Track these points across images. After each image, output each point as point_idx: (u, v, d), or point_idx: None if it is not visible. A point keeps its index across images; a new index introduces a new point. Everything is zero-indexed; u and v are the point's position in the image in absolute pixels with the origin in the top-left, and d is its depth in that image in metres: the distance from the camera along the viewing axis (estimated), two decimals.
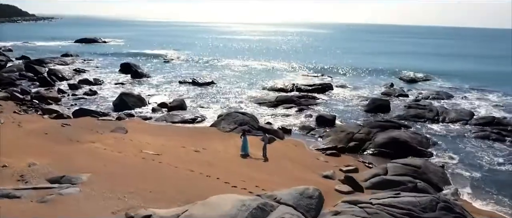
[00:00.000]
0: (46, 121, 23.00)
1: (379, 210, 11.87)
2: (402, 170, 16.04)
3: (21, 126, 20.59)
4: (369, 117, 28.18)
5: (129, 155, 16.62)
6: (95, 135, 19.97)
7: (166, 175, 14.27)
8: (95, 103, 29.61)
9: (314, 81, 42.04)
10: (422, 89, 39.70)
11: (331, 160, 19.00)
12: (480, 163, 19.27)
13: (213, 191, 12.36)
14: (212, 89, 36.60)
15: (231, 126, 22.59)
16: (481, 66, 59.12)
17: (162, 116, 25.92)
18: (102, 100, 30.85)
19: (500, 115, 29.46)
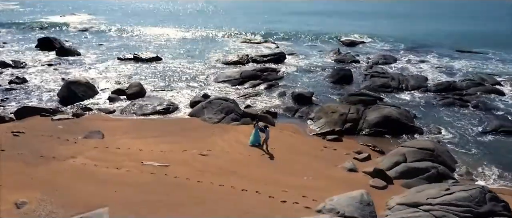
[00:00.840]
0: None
1: (445, 212, 11.83)
2: (420, 154, 16.36)
3: None
4: (338, 90, 28.39)
5: (133, 171, 14.28)
6: (67, 145, 16.77)
7: (202, 197, 12.55)
8: (33, 95, 24.93)
9: (263, 50, 41.02)
10: (367, 53, 41.24)
11: (337, 147, 18.74)
12: (464, 135, 20.67)
13: (273, 211, 11.25)
14: (160, 66, 33.43)
15: (218, 116, 20.85)
16: (418, 27, 63.23)
17: (126, 107, 22.90)
18: (37, 90, 26.15)
19: (449, 78, 31.91)
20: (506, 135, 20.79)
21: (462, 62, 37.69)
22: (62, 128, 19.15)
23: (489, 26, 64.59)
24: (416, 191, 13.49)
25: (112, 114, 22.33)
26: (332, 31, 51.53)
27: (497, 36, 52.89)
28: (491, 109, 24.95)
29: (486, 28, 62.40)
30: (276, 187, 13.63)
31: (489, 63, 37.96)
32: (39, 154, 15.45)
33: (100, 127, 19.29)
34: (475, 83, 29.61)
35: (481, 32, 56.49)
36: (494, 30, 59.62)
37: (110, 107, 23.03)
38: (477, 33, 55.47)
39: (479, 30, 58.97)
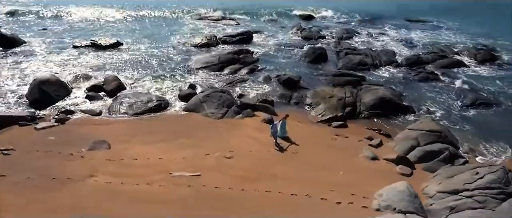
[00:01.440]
0: None
1: (484, 196, 12.98)
2: (431, 137, 17.54)
3: None
4: (318, 70, 28.93)
5: (167, 186, 13.64)
6: (75, 160, 15.40)
7: (259, 207, 12.42)
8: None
9: (227, 29, 40.05)
10: (327, 27, 42.10)
11: (346, 133, 19.29)
12: (451, 111, 22.52)
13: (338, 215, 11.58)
14: (124, 53, 31.19)
15: (220, 111, 20.31)
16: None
17: (112, 106, 21.34)
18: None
19: (412, 51, 33.90)
20: (484, 107, 22.95)
21: (417, 33, 40.13)
22: (54, 139, 17.37)
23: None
24: (447, 176, 14.53)
25: (99, 116, 20.62)
26: (288, 5, 51.44)
27: (437, 4, 56.70)
28: (459, 80, 27.11)
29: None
30: (319, 186, 13.84)
31: (440, 33, 40.90)
32: (50, 176, 14.01)
33: (96, 134, 17.85)
34: (439, 55, 31.89)
35: (423, 1, 59.92)
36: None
37: (94, 108, 21.25)
38: (420, 2, 58.67)
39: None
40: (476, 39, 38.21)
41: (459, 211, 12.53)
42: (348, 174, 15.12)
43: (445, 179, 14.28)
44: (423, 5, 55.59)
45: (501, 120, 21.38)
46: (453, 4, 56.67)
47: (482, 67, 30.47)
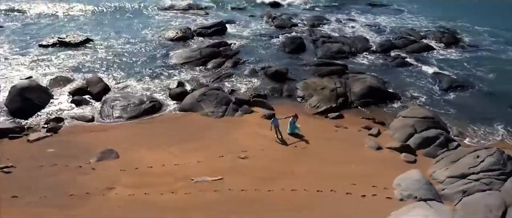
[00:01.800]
0: None
1: (489, 178, 14.32)
2: (425, 123, 18.77)
3: None
4: (299, 60, 29.52)
5: (193, 193, 13.76)
6: (87, 173, 15.00)
7: (293, 207, 12.89)
8: None
9: (198, 20, 39.40)
10: (295, 14, 42.64)
11: (346, 124, 20.13)
12: (432, 95, 24.03)
13: (366, 209, 12.36)
14: (98, 51, 29.86)
15: (219, 109, 20.39)
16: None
17: (103, 110, 20.69)
18: None
19: (382, 37, 35.39)
20: (461, 90, 24.76)
21: (384, 18, 41.72)
22: (54, 151, 16.67)
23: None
24: (450, 161, 15.74)
25: (93, 122, 19.90)
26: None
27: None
28: (432, 65, 28.89)
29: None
30: (338, 180, 14.49)
31: (403, 17, 42.82)
32: (66, 193, 13.54)
33: (97, 142, 17.37)
34: (409, 40, 33.55)
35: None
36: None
37: (85, 114, 20.43)
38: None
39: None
40: (437, 22, 40.47)
41: (470, 194, 13.71)
42: (360, 166, 15.89)
43: (450, 164, 15.46)
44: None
45: (478, 101, 23.16)
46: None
47: (448, 50, 32.49)
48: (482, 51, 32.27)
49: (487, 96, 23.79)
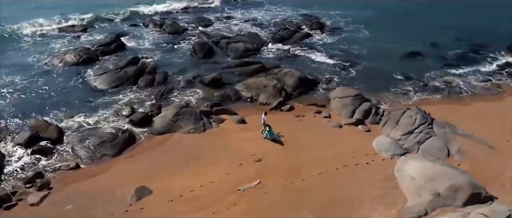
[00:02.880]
0: None
1: (425, 129, 21.07)
2: (358, 100, 24.71)
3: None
4: (216, 64, 32.22)
5: (256, 198, 16.31)
6: (136, 214, 15.76)
7: (345, 182, 16.77)
8: None
9: (84, 37, 37.40)
10: (176, 18, 44.31)
11: (301, 113, 24.54)
12: (339, 75, 30.47)
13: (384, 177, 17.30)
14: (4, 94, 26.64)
15: (199, 124, 22.27)
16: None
17: (81, 153, 20.17)
18: None
19: (268, 30, 40.77)
20: (354, 67, 31.81)
21: (255, 13, 47.09)
22: (72, 206, 16.30)
23: None
24: (394, 123, 21.92)
25: (79, 168, 19.30)
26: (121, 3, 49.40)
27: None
28: (320, 50, 35.64)
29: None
30: (337, 158, 18.75)
31: (270, 9, 49.02)
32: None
33: (110, 184, 17.62)
34: (291, 31, 39.75)
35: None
36: None
37: (65, 162, 19.48)
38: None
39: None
40: (298, 10, 48.08)
41: (422, 143, 20.02)
42: (338, 143, 20.60)
43: (395, 125, 21.60)
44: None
45: (371, 74, 30.47)
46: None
47: (322, 35, 39.96)
48: (345, 33, 40.75)
49: (374, 69, 31.37)
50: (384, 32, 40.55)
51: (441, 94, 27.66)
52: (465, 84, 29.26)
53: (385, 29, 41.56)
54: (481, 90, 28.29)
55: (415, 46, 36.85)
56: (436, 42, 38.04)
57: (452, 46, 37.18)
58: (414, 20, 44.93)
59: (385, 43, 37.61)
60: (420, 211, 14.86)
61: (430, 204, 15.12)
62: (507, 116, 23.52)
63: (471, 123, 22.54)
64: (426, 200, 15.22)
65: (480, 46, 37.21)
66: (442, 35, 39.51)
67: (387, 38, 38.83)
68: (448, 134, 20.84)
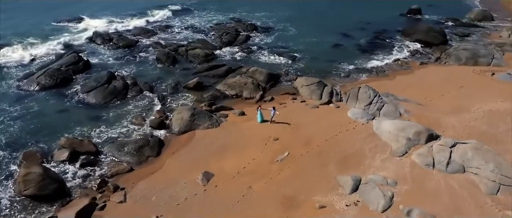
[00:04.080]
0: None
1: (373, 98, 29.46)
2: (321, 85, 31.96)
3: None
4: (185, 70, 36.64)
5: (292, 165, 22.33)
6: (218, 193, 20.53)
7: (360, 139, 23.67)
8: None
9: (42, 59, 37.91)
10: (117, 30, 46.34)
11: (282, 101, 30.88)
12: (294, 68, 37.57)
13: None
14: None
15: (212, 120, 26.98)
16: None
17: (128, 157, 23.68)
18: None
19: (208, 33, 45.89)
20: (300, 60, 39.18)
21: (192, 19, 51.46)
22: (157, 196, 20.23)
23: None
24: (355, 98, 29.67)
25: (134, 170, 22.73)
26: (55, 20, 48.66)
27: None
28: (267, 49, 42.29)
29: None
30: (330, 129, 25.76)
31: (200, 15, 53.67)
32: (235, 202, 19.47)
33: (172, 177, 21.58)
34: (234, 34, 45.34)
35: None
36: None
37: (120, 166, 22.61)
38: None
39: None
40: (226, 14, 53.76)
41: (380, 109, 28.09)
42: (323, 119, 27.53)
43: (357, 100, 29.32)
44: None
45: (312, 64, 38.16)
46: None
47: (260, 35, 46.49)
48: (277, 32, 47.99)
49: (314, 59, 39.07)
50: (307, 29, 48.82)
51: (371, 74, 36.41)
52: (384, 65, 38.61)
53: (306, 26, 49.90)
54: (397, 68, 37.90)
55: (335, 38, 45.82)
56: (349, 34, 47.54)
57: (361, 36, 47.06)
58: (324, 16, 54.61)
59: (312, 37, 45.82)
60: (403, 151, 22.48)
61: (406, 146, 22.82)
62: (420, 82, 33.18)
63: (401, 91, 31.38)
64: (403, 144, 22.92)
65: (380, 33, 47.95)
66: (350, 27, 49.46)
67: (312, 34, 47.08)
68: (393, 100, 29.19)
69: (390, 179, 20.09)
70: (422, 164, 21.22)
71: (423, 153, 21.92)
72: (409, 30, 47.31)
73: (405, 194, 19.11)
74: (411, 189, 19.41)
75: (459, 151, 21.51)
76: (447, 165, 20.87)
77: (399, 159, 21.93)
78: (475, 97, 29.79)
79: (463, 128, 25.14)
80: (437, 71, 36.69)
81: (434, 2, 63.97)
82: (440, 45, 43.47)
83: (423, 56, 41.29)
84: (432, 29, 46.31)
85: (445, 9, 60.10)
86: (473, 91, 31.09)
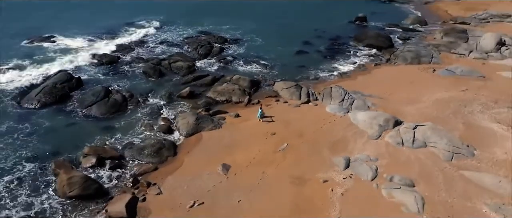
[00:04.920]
0: None
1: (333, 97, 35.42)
2: (297, 87, 37.44)
3: None
4: (171, 81, 40.42)
5: (293, 152, 27.29)
6: (238, 179, 24.94)
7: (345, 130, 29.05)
8: None
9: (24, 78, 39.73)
10: (97, 47, 48.90)
11: (267, 103, 35.90)
12: (269, 74, 42.68)
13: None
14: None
15: (214, 123, 31.26)
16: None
17: (155, 157, 27.25)
18: None
19: (189, 48, 49.89)
20: (273, 68, 44.40)
21: (164, 34, 54.90)
22: (188, 186, 24.22)
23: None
24: (330, 97, 35.37)
25: (158, 169, 26.36)
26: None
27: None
28: (242, 59, 47.04)
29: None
30: (314, 123, 31.16)
31: (169, 30, 57.25)
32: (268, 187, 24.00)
33: (195, 170, 25.69)
34: (207, 47, 49.50)
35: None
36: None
37: (145, 166, 26.13)
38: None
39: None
40: (194, 28, 57.71)
41: (351, 104, 33.90)
42: (306, 115, 32.79)
43: (331, 98, 34.97)
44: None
45: (284, 70, 43.48)
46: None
47: (232, 47, 51.12)
48: (246, 42, 52.76)
49: (285, 66, 44.39)
50: (272, 39, 54.12)
51: (336, 76, 42.41)
52: (344, 67, 44.86)
53: (270, 36, 55.19)
54: (356, 69, 44.26)
55: (298, 46, 51.49)
56: (309, 42, 53.55)
57: (320, 43, 53.27)
58: (284, 27, 60.33)
59: (278, 46, 51.14)
60: (377, 135, 28.17)
61: (379, 130, 28.58)
62: (378, 81, 39.62)
63: (364, 88, 37.48)
64: (376, 129, 28.66)
65: (336, 39, 54.58)
66: (308, 36, 55.52)
67: (277, 43, 52.38)
68: (360, 96, 35.14)
69: (372, 156, 25.55)
70: (394, 143, 26.94)
71: (393, 135, 27.70)
72: (361, 36, 54.22)
73: (386, 166, 24.63)
74: (389, 162, 24.98)
75: (420, 131, 27.54)
76: (413, 142, 26.77)
77: (375, 141, 27.54)
78: (423, 90, 36.56)
79: (419, 114, 31.41)
80: (389, 71, 43.52)
81: (376, 10, 72.44)
82: (388, 48, 50.62)
83: (376, 58, 48.07)
84: (380, 34, 53.62)
85: (386, 16, 68.50)
86: (421, 85, 37.92)
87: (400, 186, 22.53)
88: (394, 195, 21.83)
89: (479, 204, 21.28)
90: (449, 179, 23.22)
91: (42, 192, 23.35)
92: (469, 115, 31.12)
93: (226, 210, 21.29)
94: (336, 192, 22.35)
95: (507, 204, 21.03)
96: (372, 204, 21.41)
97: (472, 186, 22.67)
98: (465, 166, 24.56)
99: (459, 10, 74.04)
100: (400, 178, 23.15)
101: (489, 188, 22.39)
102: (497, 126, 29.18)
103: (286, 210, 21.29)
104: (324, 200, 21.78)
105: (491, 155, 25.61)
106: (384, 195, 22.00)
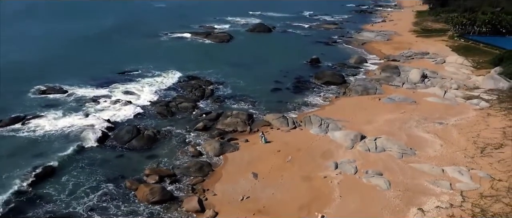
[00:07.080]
0: None
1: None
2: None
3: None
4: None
5: (300, 164, 39.26)
6: (269, 184, 36.21)
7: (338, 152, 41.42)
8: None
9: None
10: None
11: (265, 130, 47.70)
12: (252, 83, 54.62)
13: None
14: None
15: (233, 147, 42.35)
16: None
17: (198, 164, 37.65)
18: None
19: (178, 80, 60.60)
20: (281, 82, 56.49)
21: (160, 79, 64.98)
22: (233, 188, 34.99)
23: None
24: (311, 123, 48.04)
25: (205, 180, 36.77)
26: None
27: None
28: (227, 99, 58.50)
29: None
30: (308, 142, 43.40)
31: (161, 75, 67.59)
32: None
33: (234, 178, 36.63)
34: (202, 90, 60.58)
35: None
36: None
37: (195, 179, 36.53)
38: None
39: None
40: (182, 72, 68.54)
41: (328, 127, 46.75)
42: (296, 137, 44.88)
43: (311, 124, 47.59)
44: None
45: (265, 105, 55.63)
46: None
47: (220, 88, 62.55)
48: (229, 84, 64.10)
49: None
50: (249, 80, 65.69)
51: (309, 107, 55.24)
52: (313, 100, 57.99)
53: (247, 78, 66.64)
54: (322, 101, 57.50)
55: (272, 85, 63.72)
56: (279, 81, 66.06)
57: (288, 81, 65.84)
58: (252, 69, 72.85)
59: (256, 86, 62.86)
60: (351, 146, 40.81)
61: (351, 143, 41.31)
62: (341, 109, 52.82)
63: (332, 115, 50.49)
64: (350, 142, 41.35)
65: (299, 78, 67.66)
66: (276, 76, 68.25)
67: (254, 83, 64.04)
68: (332, 121, 47.99)
69: (351, 159, 37.93)
70: (363, 150, 39.65)
71: (362, 145, 40.48)
72: (319, 75, 68.13)
73: (361, 165, 37.06)
74: (363, 162, 37.46)
75: (379, 141, 40.60)
76: (376, 149, 39.67)
77: (350, 150, 40.08)
78: (375, 113, 50.33)
79: (376, 130, 44.71)
80: (348, 101, 57.27)
81: (325, 52, 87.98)
82: (343, 84, 64.84)
83: (335, 92, 61.85)
84: (334, 73, 68.06)
85: (334, 57, 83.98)
86: (372, 110, 51.75)
87: (374, 175, 34.91)
88: (371, 180, 34.11)
89: (422, 181, 34.16)
90: (402, 169, 36.08)
91: (131, 201, 32.46)
92: (409, 129, 44.97)
93: (266, 200, 32.08)
94: (334, 183, 34.13)
95: (439, 180, 34.15)
96: (358, 187, 33.45)
97: (417, 172, 35.63)
98: (411, 161, 37.64)
99: (389, 49, 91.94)
100: (372, 171, 35.59)
101: (427, 172, 35.46)
102: (428, 135, 43.12)
103: (305, 196, 32.58)
104: (328, 188, 33.44)
105: (426, 153, 39.10)
106: (364, 182, 34.19)
